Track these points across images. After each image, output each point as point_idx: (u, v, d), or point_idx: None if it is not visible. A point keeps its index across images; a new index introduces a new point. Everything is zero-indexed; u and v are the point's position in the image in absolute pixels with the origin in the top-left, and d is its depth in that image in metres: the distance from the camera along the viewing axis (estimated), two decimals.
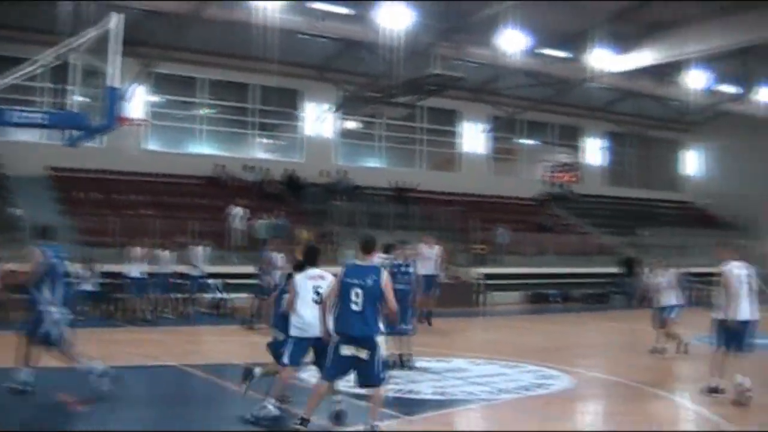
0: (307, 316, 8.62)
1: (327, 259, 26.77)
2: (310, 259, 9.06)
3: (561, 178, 42.86)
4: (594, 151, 43.19)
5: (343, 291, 8.08)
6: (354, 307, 7.97)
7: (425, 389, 10.98)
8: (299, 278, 8.86)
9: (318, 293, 8.64)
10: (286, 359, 8.79)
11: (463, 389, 11.02)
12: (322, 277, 8.85)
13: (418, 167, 36.51)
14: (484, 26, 28.35)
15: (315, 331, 8.46)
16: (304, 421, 8.02)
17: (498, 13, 27.18)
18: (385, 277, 8.11)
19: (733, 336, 10.30)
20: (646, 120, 41.89)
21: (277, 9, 25.89)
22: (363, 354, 7.93)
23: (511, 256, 31.83)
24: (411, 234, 30.15)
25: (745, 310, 10.33)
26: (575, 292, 31.72)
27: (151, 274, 20.68)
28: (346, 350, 7.96)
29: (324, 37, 29.90)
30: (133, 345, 15.90)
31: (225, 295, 22.60)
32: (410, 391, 10.78)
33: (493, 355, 14.55)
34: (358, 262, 8.35)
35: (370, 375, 7.99)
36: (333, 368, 8.13)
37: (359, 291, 7.98)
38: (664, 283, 15.57)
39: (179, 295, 22.04)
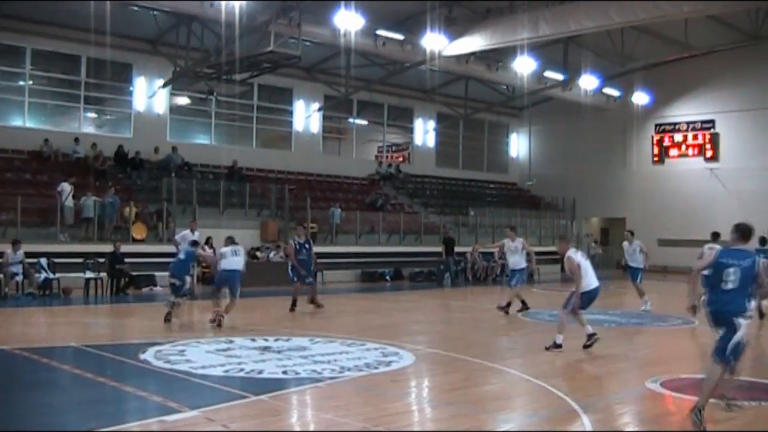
0: None
1: (158, 236, 26.58)
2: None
3: (393, 158, 43.58)
4: (424, 132, 44.00)
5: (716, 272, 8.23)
6: (725, 286, 8.13)
7: (270, 368, 10.96)
8: None
9: None
10: None
11: (307, 368, 11.04)
12: None
13: (251, 145, 36.18)
14: (321, 5, 28.37)
15: None
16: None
17: None
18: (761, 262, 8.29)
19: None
20: (475, 103, 43.03)
21: None
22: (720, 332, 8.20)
23: (343, 235, 32.15)
24: (241, 212, 30.20)
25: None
26: (405, 270, 32.47)
27: None
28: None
29: (157, 11, 29.11)
30: None
31: (53, 275, 21.79)
32: (255, 371, 10.76)
33: (331, 333, 14.68)
34: (735, 247, 8.39)
35: (720, 349, 8.19)
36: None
37: (733, 270, 8.10)
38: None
39: None
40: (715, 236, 18.55)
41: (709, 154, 41.54)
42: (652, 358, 13.34)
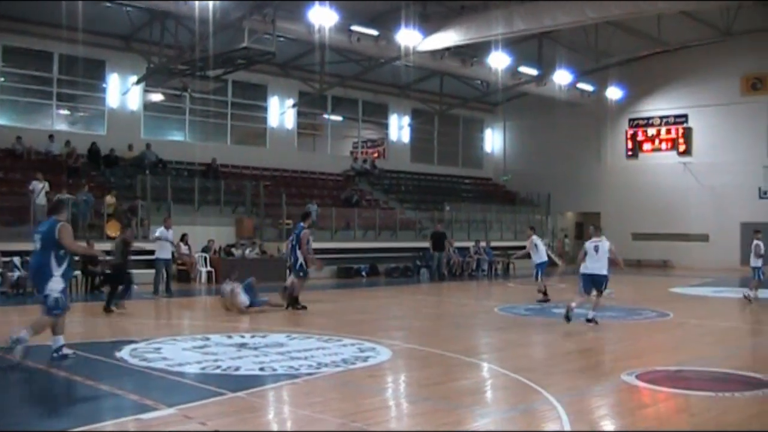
0: None
1: (133, 234, 26.31)
2: None
3: (368, 154, 43.60)
4: (399, 128, 44.02)
5: None
6: None
7: (247, 365, 10.92)
8: None
9: None
10: None
11: (284, 364, 11.00)
12: None
13: (225, 142, 36.04)
14: (295, 1, 28.33)
15: None
16: None
17: None
18: None
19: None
20: (450, 99, 43.11)
21: None
22: None
23: (318, 231, 32.04)
24: (216, 208, 30.10)
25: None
26: (381, 266, 32.48)
27: None
28: None
29: (130, 7, 28.94)
30: None
31: (25, 273, 21.57)
32: (232, 368, 10.72)
33: (308, 329, 14.66)
34: None
35: None
36: None
37: None
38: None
39: None
40: (757, 232, 21.98)
41: (682, 148, 41.89)
42: (628, 351, 13.42)
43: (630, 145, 43.93)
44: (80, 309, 19.84)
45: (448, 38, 32.20)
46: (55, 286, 10.76)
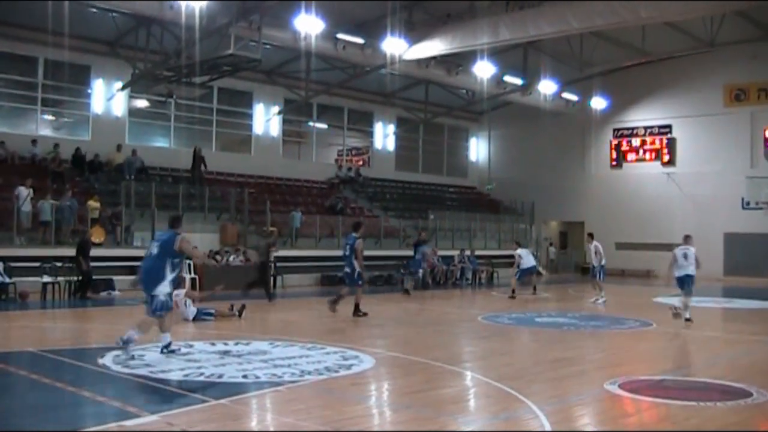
0: None
1: (117, 240, 26.27)
2: None
3: (353, 162, 43.60)
4: (384, 136, 44.06)
5: None
6: None
7: (230, 372, 10.90)
8: None
9: None
10: None
11: (268, 371, 10.99)
12: None
13: (210, 148, 35.95)
14: (281, 8, 28.33)
15: None
16: None
17: None
18: None
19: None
20: (435, 107, 43.20)
21: None
22: None
23: (303, 239, 32.06)
24: (201, 215, 30.01)
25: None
26: (365, 274, 32.35)
27: None
28: None
29: (116, 12, 28.87)
30: None
31: (8, 279, 21.47)
32: (215, 375, 10.70)
33: (291, 337, 14.65)
34: None
35: None
36: None
37: None
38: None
39: None
40: None
41: (666, 158, 42.09)
42: (610, 360, 13.48)
43: (614, 155, 44.11)
44: (64, 316, 19.78)
45: (433, 47, 32.24)
46: (164, 289, 11.89)
